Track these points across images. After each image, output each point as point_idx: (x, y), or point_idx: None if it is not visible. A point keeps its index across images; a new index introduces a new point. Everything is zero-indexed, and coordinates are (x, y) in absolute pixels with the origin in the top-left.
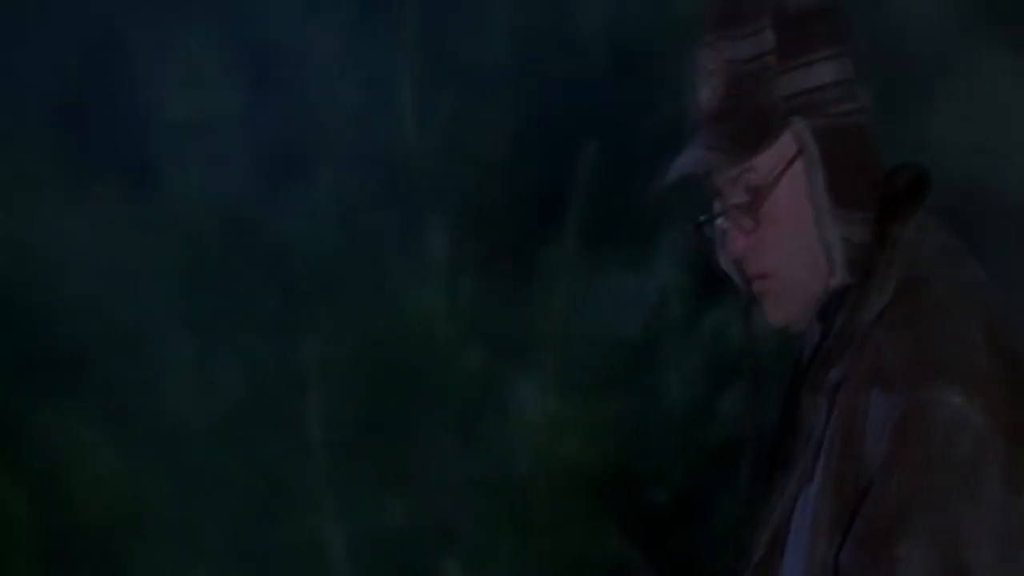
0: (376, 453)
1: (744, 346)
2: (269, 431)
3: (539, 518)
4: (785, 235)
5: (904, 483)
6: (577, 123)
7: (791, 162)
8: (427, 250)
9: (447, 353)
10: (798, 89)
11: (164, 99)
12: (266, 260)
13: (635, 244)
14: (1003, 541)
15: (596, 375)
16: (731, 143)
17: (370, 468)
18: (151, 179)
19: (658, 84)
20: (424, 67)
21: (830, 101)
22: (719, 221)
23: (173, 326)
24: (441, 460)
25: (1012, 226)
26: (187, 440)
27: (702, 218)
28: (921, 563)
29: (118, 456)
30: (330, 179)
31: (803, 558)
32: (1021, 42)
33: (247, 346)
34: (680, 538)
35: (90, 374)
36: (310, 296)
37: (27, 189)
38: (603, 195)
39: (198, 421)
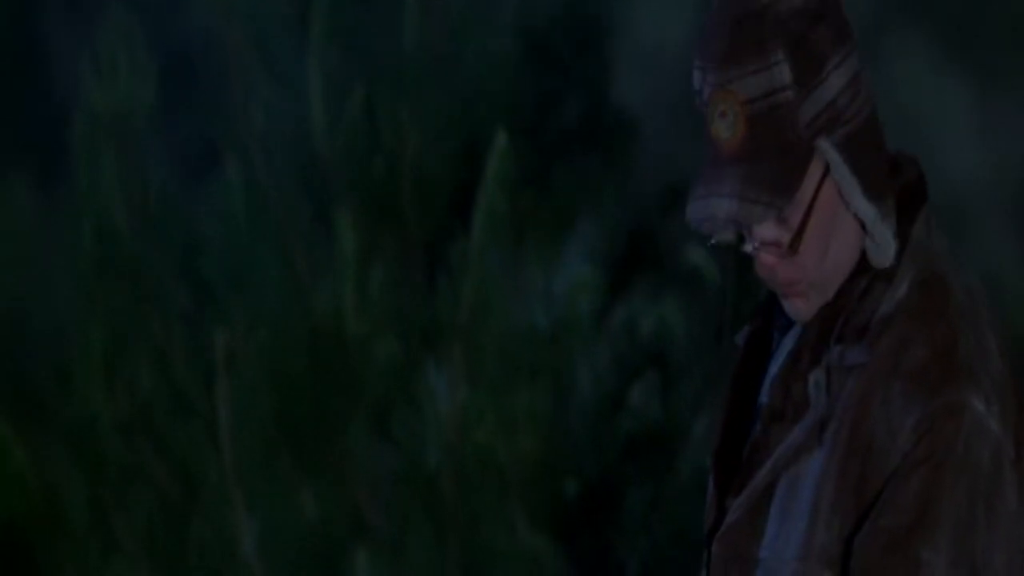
0: (286, 445)
1: (656, 338)
2: (180, 424)
3: (450, 510)
4: (816, 248)
5: (927, 479)
6: (487, 115)
7: (820, 184)
8: (337, 242)
9: (357, 345)
10: (818, 110)
11: (77, 92)
12: (177, 252)
13: (545, 236)
14: (1013, 550)
15: (507, 368)
16: (766, 191)
17: (280, 460)
18: (63, 171)
19: (569, 77)
20: (334, 60)
21: (845, 107)
22: (746, 247)
23: (84, 318)
24: (352, 452)
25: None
26: (99, 433)
27: (711, 242)
28: (944, 569)
29: (30, 450)
30: (240, 172)
31: (799, 539)
32: (936, 33)
33: (158, 338)
34: (591, 530)
35: (1, 368)
36: (220, 289)
37: None
38: (513, 188)
39: (109, 414)
